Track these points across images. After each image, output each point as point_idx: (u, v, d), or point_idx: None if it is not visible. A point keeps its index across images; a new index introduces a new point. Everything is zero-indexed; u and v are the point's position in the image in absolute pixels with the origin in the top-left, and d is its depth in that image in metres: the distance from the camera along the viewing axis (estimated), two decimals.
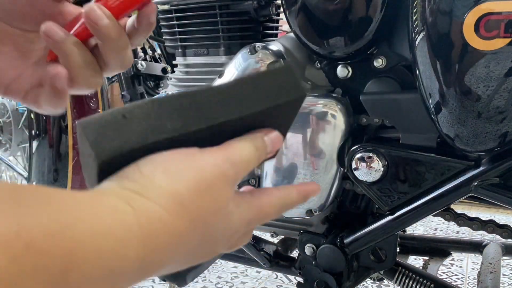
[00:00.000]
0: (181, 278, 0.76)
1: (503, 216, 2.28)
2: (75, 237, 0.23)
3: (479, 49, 0.60)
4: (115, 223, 0.25)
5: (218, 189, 0.30)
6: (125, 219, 0.25)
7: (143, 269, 0.26)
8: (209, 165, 0.30)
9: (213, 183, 0.30)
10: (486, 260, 0.92)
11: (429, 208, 0.75)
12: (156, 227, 0.26)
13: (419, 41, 0.65)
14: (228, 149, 0.32)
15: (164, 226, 0.27)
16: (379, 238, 0.81)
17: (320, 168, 0.80)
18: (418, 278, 0.87)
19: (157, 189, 0.28)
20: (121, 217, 0.25)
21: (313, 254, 0.87)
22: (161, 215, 0.27)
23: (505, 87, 0.61)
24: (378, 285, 1.59)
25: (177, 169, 0.29)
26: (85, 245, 0.23)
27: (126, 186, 0.27)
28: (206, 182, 0.29)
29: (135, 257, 0.25)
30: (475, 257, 1.82)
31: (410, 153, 0.75)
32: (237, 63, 0.84)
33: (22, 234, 0.21)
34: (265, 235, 1.10)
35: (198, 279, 1.63)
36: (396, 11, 0.73)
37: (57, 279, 0.22)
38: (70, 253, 0.22)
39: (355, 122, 0.81)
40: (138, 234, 0.25)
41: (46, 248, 0.21)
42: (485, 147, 0.67)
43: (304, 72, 0.86)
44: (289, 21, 0.79)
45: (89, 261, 0.23)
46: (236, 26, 0.95)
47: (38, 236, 0.21)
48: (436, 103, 0.67)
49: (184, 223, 0.28)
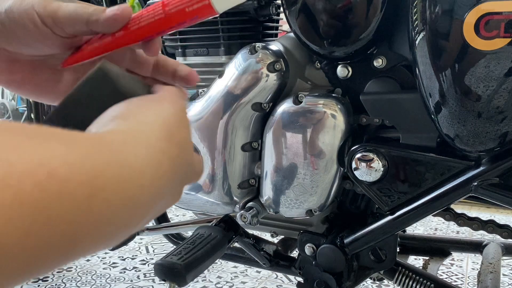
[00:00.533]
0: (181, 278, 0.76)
1: (503, 216, 2.28)
2: (95, 166, 0.24)
3: (479, 49, 0.60)
4: (129, 155, 0.27)
5: (186, 119, 0.36)
6: (136, 151, 0.28)
7: (155, 196, 0.29)
8: (176, 102, 0.36)
9: (182, 115, 0.35)
10: (486, 260, 0.92)
11: (429, 208, 0.75)
12: (161, 157, 0.30)
13: (419, 41, 0.65)
14: (165, 91, 0.38)
15: (165, 154, 0.31)
16: (379, 238, 0.81)
17: (320, 168, 0.80)
18: (418, 278, 0.87)
19: (152, 124, 0.31)
20: (133, 150, 0.28)
21: (313, 254, 0.87)
22: (161, 145, 0.31)
23: (505, 87, 0.61)
24: (378, 285, 1.59)
25: (158, 105, 0.34)
26: (105, 173, 0.25)
27: (127, 125, 0.30)
28: (179, 113, 0.35)
29: (149, 184, 0.28)
30: (475, 257, 1.82)
31: (410, 153, 0.75)
32: (237, 63, 0.84)
33: (44, 163, 0.22)
34: (265, 235, 1.10)
35: (198, 279, 1.63)
36: (396, 11, 0.73)
37: (81, 205, 0.23)
38: (92, 181, 0.24)
39: (355, 122, 0.81)
40: (149, 164, 0.28)
41: (69, 175, 0.23)
42: (485, 147, 0.67)
43: (304, 72, 0.86)
44: (289, 21, 0.79)
45: (109, 188, 0.25)
46: (236, 26, 0.95)
47: (60, 165, 0.23)
48: (436, 103, 0.67)
49: (176, 148, 0.32)
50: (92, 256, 1.86)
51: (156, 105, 0.35)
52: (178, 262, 0.76)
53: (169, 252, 0.80)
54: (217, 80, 0.87)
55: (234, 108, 0.84)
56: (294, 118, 0.80)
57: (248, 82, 0.82)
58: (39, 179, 0.21)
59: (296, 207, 0.84)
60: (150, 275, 1.68)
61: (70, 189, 0.23)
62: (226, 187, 0.89)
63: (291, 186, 0.83)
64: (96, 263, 1.80)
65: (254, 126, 0.85)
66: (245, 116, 0.84)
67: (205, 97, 0.88)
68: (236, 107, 0.84)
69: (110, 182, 0.25)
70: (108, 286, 1.60)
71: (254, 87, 0.82)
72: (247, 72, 0.83)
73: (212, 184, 0.89)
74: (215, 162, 0.87)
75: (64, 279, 1.66)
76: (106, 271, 1.72)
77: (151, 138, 0.30)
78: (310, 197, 0.82)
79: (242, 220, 0.88)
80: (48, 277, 1.68)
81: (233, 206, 0.91)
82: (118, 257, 1.85)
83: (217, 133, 0.85)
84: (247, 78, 0.83)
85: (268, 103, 0.83)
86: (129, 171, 0.27)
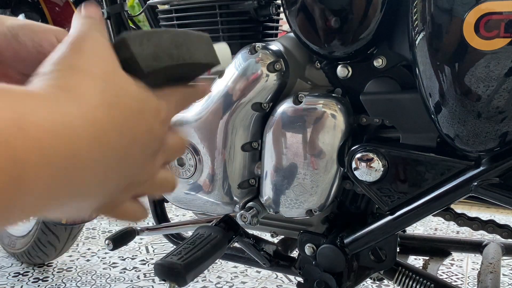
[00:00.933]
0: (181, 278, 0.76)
1: (503, 216, 2.28)
2: (30, 135, 0.24)
3: (479, 49, 0.60)
4: (65, 126, 0.26)
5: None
6: (73, 123, 0.26)
7: (95, 164, 0.28)
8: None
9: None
10: (486, 260, 0.92)
11: (429, 208, 0.75)
12: (97, 125, 0.27)
13: (419, 41, 0.65)
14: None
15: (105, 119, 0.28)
16: (379, 238, 0.81)
17: (320, 168, 0.80)
18: (418, 278, 0.87)
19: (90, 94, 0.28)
20: (70, 121, 0.26)
21: (313, 254, 0.87)
22: (101, 113, 0.28)
23: (505, 87, 0.61)
24: (378, 285, 1.59)
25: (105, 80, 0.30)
26: (41, 142, 0.24)
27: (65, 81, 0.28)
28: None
29: (86, 154, 0.27)
30: (475, 257, 1.82)
31: (410, 153, 0.75)
32: (237, 63, 0.84)
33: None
34: (265, 235, 1.10)
35: (198, 279, 1.63)
36: (396, 11, 0.73)
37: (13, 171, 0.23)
38: (26, 146, 0.23)
39: (355, 122, 0.81)
40: (85, 135, 0.27)
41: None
42: (485, 147, 0.67)
43: (304, 72, 0.86)
44: (289, 21, 0.79)
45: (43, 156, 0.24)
46: (236, 26, 0.95)
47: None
48: (436, 103, 0.67)
49: (120, 113, 0.29)
50: (92, 256, 1.86)
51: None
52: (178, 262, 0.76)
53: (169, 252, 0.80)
54: (217, 80, 0.87)
55: (234, 108, 0.84)
56: (294, 118, 0.80)
57: (248, 82, 0.83)
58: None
59: (296, 207, 0.84)
60: (150, 275, 1.68)
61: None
62: (226, 187, 0.89)
63: (291, 186, 0.83)
64: (96, 263, 1.80)
65: (254, 126, 0.85)
66: (245, 116, 0.84)
67: (204, 97, 0.88)
68: (236, 107, 0.84)
69: (45, 150, 0.24)
70: (108, 286, 1.60)
71: (254, 87, 0.82)
72: (247, 72, 0.83)
73: (212, 184, 0.89)
74: (215, 162, 0.87)
75: (64, 279, 1.66)
76: (106, 271, 1.72)
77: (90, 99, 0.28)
78: (310, 197, 0.82)
79: (242, 220, 0.88)
80: (48, 277, 1.68)
81: (233, 206, 0.91)
82: (118, 257, 1.85)
83: (217, 133, 0.85)
84: (247, 78, 0.83)
85: (268, 103, 0.83)
86: (66, 141, 0.25)
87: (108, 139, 0.28)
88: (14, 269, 1.76)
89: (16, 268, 1.77)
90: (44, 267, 1.77)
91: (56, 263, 1.80)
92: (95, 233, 2.14)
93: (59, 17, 1.49)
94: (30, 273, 1.73)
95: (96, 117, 0.28)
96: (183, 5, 0.98)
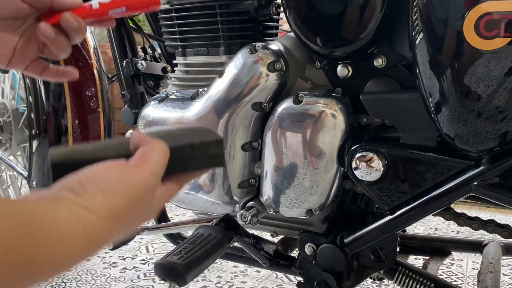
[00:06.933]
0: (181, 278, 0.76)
1: (503, 216, 2.28)
2: (39, 241, 0.33)
3: (479, 49, 0.60)
4: (66, 233, 0.35)
5: (145, 199, 0.42)
6: (74, 230, 0.35)
7: (84, 259, 0.38)
8: (138, 181, 0.41)
9: (141, 197, 0.41)
10: (486, 259, 0.92)
11: (429, 207, 0.75)
12: (96, 234, 0.37)
13: (419, 40, 0.65)
14: (149, 160, 0.43)
15: (101, 232, 0.38)
16: (379, 237, 0.81)
17: (320, 167, 0.80)
18: (418, 278, 0.87)
19: (98, 205, 0.38)
20: (71, 229, 0.35)
21: (313, 254, 0.87)
22: (100, 225, 0.37)
23: (505, 87, 0.61)
24: (378, 284, 1.59)
25: (113, 188, 0.39)
26: (46, 247, 0.33)
27: (76, 201, 0.37)
28: (135, 198, 0.40)
29: (79, 256, 0.37)
30: (475, 256, 1.82)
31: (410, 152, 0.75)
32: (237, 62, 0.84)
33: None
34: (265, 235, 1.10)
35: (198, 278, 1.63)
36: (396, 11, 0.73)
37: (23, 266, 0.32)
38: (35, 251, 0.33)
39: (355, 121, 0.81)
40: (83, 240, 0.36)
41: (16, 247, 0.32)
42: (485, 147, 0.67)
43: (304, 72, 0.86)
44: (289, 21, 0.79)
45: (49, 256, 0.34)
46: (236, 26, 0.95)
47: (12, 238, 0.31)
48: (436, 102, 0.67)
49: (116, 229, 0.39)
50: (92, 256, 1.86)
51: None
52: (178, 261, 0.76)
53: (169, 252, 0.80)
54: (217, 80, 0.87)
55: (234, 108, 0.84)
56: (294, 117, 0.80)
57: (248, 82, 0.83)
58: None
59: (296, 207, 0.84)
60: (150, 275, 1.68)
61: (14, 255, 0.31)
62: (226, 186, 0.89)
63: (291, 186, 0.83)
64: (96, 262, 1.80)
65: (254, 126, 0.85)
66: (245, 115, 0.84)
67: (205, 96, 0.88)
68: (236, 106, 0.84)
69: (50, 252, 0.34)
70: (108, 285, 1.60)
71: (254, 87, 0.82)
72: (247, 71, 0.83)
73: (212, 184, 0.89)
74: None
75: (64, 278, 1.66)
76: (106, 271, 1.72)
77: (93, 220, 0.37)
78: (310, 196, 0.82)
79: (242, 220, 0.88)
80: None
81: (233, 206, 0.91)
82: (118, 257, 1.85)
83: None
84: (247, 78, 0.83)
85: (268, 102, 0.83)
86: (65, 247, 0.35)
87: (122, 223, 0.40)
88: None
89: None
90: None
91: None
92: None
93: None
94: None
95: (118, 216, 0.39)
96: (183, 4, 0.98)
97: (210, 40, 0.97)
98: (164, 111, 0.94)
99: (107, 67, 1.92)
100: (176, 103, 0.94)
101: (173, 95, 0.97)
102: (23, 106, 1.66)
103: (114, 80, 1.57)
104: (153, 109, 0.96)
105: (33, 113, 1.41)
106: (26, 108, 1.50)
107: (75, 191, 0.38)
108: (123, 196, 0.39)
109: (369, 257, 0.84)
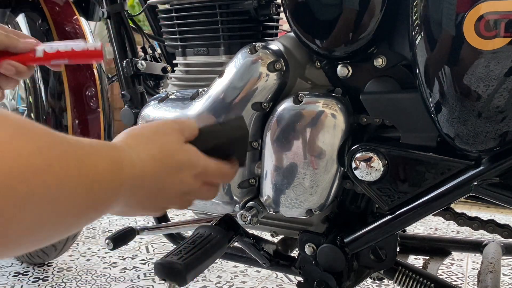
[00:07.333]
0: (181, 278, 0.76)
1: (503, 216, 2.28)
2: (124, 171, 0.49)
3: (479, 49, 0.60)
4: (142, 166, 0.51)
5: (164, 130, 0.58)
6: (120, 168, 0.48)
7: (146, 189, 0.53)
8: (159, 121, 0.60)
9: (159, 127, 0.58)
10: (486, 259, 0.92)
11: (429, 207, 0.75)
12: (140, 174, 0.51)
13: (419, 40, 0.65)
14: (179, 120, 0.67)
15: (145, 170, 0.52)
16: (379, 237, 0.81)
17: (320, 167, 0.80)
18: (418, 278, 0.87)
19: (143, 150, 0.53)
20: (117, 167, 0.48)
21: (313, 254, 0.87)
22: (143, 164, 0.51)
23: (505, 87, 0.61)
24: (378, 284, 1.59)
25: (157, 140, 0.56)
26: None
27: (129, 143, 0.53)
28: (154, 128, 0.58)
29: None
30: (475, 256, 1.82)
31: (410, 152, 0.75)
32: (237, 62, 0.84)
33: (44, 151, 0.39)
34: (265, 235, 1.10)
35: (198, 278, 1.63)
36: (396, 11, 0.73)
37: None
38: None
39: (355, 121, 0.81)
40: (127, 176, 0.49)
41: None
42: (485, 147, 0.67)
43: (304, 72, 0.86)
44: (289, 21, 0.79)
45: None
46: (236, 26, 0.95)
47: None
48: (436, 102, 0.67)
49: (156, 168, 0.53)
50: (92, 256, 1.86)
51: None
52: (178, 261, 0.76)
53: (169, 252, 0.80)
54: (217, 80, 0.87)
55: (234, 108, 0.84)
56: (294, 117, 0.80)
57: (248, 82, 0.83)
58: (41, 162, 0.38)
59: (296, 207, 0.84)
60: (150, 275, 1.68)
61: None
62: (226, 186, 0.89)
63: (291, 186, 0.83)
64: (96, 262, 1.80)
65: (254, 126, 0.85)
66: (245, 115, 0.84)
67: (205, 96, 0.88)
68: (236, 106, 0.84)
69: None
70: (108, 285, 1.60)
71: (254, 87, 0.82)
72: (247, 71, 0.83)
73: None
74: None
75: (64, 278, 1.66)
76: (106, 271, 1.72)
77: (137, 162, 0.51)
78: (310, 196, 0.82)
79: (242, 220, 0.88)
80: (48, 277, 1.68)
81: (233, 206, 0.91)
82: (118, 257, 1.85)
83: None
84: (247, 78, 0.83)
85: (268, 102, 0.83)
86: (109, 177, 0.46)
87: (154, 175, 0.53)
88: (14, 268, 1.77)
89: (16, 267, 1.77)
90: (44, 266, 1.77)
91: (56, 263, 1.80)
92: (95, 232, 2.14)
93: (59, 17, 1.49)
94: (30, 272, 1.73)
95: (149, 164, 0.53)
96: (183, 4, 0.98)
97: (210, 40, 0.97)
98: (164, 111, 0.94)
99: (107, 67, 1.92)
100: (176, 103, 0.94)
101: (173, 95, 0.97)
102: (23, 106, 1.66)
103: (114, 80, 1.57)
104: (153, 109, 0.96)
105: (33, 113, 1.41)
106: (26, 108, 1.50)
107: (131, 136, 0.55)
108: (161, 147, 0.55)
109: (369, 257, 0.84)
